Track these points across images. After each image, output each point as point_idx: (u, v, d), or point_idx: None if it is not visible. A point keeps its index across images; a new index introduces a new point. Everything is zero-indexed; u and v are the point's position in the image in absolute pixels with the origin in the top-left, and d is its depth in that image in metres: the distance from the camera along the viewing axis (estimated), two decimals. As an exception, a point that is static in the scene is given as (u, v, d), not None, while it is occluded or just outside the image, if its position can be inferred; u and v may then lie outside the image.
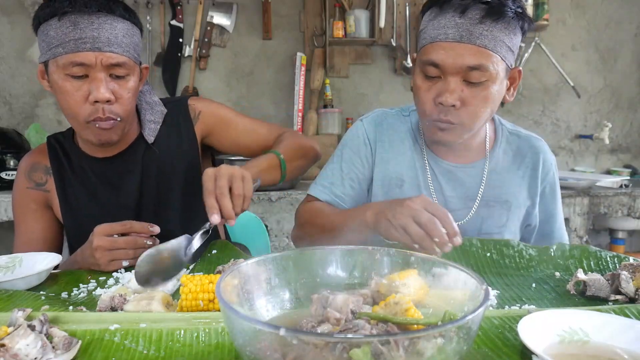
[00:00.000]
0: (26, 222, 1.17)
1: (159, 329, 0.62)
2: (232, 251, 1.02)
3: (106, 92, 0.99)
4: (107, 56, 0.98)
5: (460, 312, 0.53)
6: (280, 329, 0.41)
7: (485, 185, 1.13)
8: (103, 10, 0.98)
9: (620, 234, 2.84)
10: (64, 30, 0.96)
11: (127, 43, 1.02)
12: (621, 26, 3.05)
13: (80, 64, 0.97)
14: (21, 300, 0.73)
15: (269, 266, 0.63)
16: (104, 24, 0.98)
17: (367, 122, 1.20)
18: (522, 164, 1.15)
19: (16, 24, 2.79)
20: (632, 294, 0.74)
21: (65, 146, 1.18)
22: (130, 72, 1.03)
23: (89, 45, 0.96)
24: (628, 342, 0.57)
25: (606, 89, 3.09)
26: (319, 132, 2.78)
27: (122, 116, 1.04)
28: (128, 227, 0.95)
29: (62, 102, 1.02)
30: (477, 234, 1.13)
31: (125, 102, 1.03)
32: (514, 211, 1.14)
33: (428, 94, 0.99)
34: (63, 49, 0.97)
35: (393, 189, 1.14)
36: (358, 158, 1.17)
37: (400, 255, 0.65)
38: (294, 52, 2.81)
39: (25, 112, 2.84)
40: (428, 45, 0.98)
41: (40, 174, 1.17)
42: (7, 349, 0.53)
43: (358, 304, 0.56)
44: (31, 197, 1.16)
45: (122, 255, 0.94)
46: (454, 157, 1.14)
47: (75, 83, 0.99)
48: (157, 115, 1.18)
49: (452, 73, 0.96)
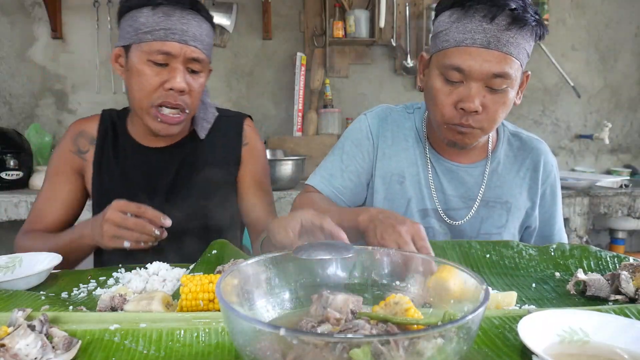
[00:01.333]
0: (56, 181, 1.20)
1: (159, 329, 0.62)
2: (232, 251, 1.02)
3: (183, 82, 1.05)
4: (191, 50, 1.05)
5: (460, 312, 0.53)
6: (280, 329, 0.41)
7: (486, 186, 1.13)
8: (193, 9, 1.05)
9: (620, 234, 2.84)
10: (155, 19, 1.03)
11: (207, 42, 1.10)
12: (621, 26, 3.05)
13: (166, 53, 1.03)
14: (21, 300, 0.73)
15: (269, 266, 0.63)
16: (192, 21, 1.05)
17: (371, 116, 1.20)
18: (522, 165, 1.15)
19: (16, 24, 2.79)
20: (632, 294, 0.74)
21: (117, 125, 1.22)
22: (203, 70, 1.11)
23: (177, 36, 1.03)
24: (628, 342, 0.57)
25: (606, 89, 3.09)
26: (319, 132, 2.78)
27: (190, 108, 1.10)
28: (142, 211, 0.95)
29: (135, 85, 1.06)
30: (476, 235, 1.13)
31: (195, 95, 1.10)
32: (513, 212, 1.14)
33: (448, 98, 0.99)
34: (152, 36, 1.03)
35: (394, 185, 1.14)
36: (359, 152, 1.17)
37: (400, 256, 0.66)
38: (294, 52, 2.81)
39: (25, 112, 2.84)
40: (453, 49, 0.96)
41: (85, 141, 1.21)
42: (7, 349, 0.53)
43: (358, 304, 0.56)
44: (70, 160, 1.20)
45: (126, 235, 0.94)
46: (456, 156, 1.14)
47: (155, 69, 1.05)
48: (209, 115, 1.23)
49: (477, 79, 0.95)
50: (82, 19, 2.81)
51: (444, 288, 0.61)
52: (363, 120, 1.19)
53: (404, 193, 1.14)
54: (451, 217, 1.13)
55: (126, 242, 0.94)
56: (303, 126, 2.80)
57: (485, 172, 1.13)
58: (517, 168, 1.15)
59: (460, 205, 1.13)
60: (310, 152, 2.63)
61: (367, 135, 1.17)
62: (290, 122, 2.83)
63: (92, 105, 2.84)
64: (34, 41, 2.81)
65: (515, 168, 1.15)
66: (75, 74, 2.85)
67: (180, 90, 1.05)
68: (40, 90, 2.84)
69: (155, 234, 0.95)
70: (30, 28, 2.80)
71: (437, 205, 1.13)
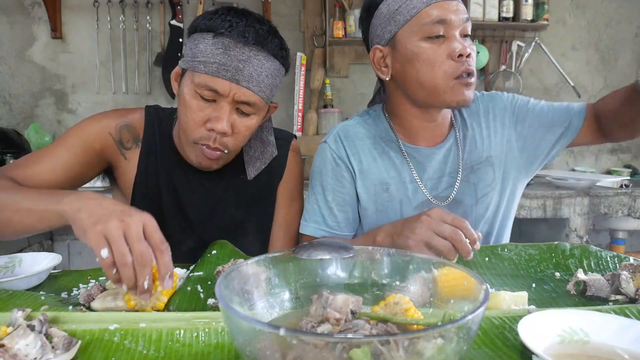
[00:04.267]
0: (73, 147, 1.03)
1: (159, 328, 0.62)
2: (232, 251, 1.02)
3: (226, 126, 0.96)
4: (242, 92, 0.95)
5: (460, 312, 0.53)
6: (280, 329, 0.41)
7: (463, 155, 1.13)
8: (258, 45, 0.94)
9: (620, 234, 2.83)
10: (213, 50, 0.93)
11: (267, 84, 0.98)
12: (621, 26, 3.05)
13: (213, 90, 0.94)
14: (21, 300, 0.73)
15: (269, 266, 0.63)
16: (253, 59, 0.94)
17: (331, 141, 1.16)
18: (480, 118, 1.16)
19: (16, 24, 2.79)
20: (632, 294, 0.74)
21: (162, 131, 1.12)
22: (257, 112, 1.00)
23: (229, 74, 0.93)
24: (628, 342, 0.57)
25: (606, 88, 3.09)
26: (319, 132, 2.78)
27: (230, 150, 1.02)
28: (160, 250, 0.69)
29: (182, 115, 1.00)
30: (475, 201, 1.12)
31: (240, 137, 1.01)
32: (496, 163, 1.14)
33: (438, 53, 0.99)
34: (204, 68, 0.94)
35: (380, 194, 1.12)
36: (337, 181, 1.14)
37: (400, 256, 0.65)
38: (294, 52, 2.80)
39: (25, 112, 2.84)
40: (427, 8, 0.99)
41: (130, 137, 1.10)
42: (6, 349, 0.53)
43: (358, 304, 0.56)
44: (104, 141, 1.06)
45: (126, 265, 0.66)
46: (431, 139, 1.14)
47: (201, 103, 0.96)
48: (266, 156, 1.15)
49: (457, 26, 0.99)
50: (82, 18, 2.81)
51: (444, 288, 0.61)
52: (326, 149, 1.16)
53: (392, 198, 1.12)
54: (444, 199, 1.13)
55: (104, 252, 0.65)
56: (303, 126, 2.80)
57: (458, 142, 1.13)
58: (477, 123, 1.16)
59: (451, 182, 1.13)
60: (310, 152, 2.63)
61: (335, 162, 1.14)
62: (290, 122, 2.83)
63: (92, 105, 2.84)
64: (34, 41, 2.81)
65: (477, 124, 1.16)
66: (75, 74, 2.85)
67: (222, 133, 0.97)
68: (40, 90, 2.84)
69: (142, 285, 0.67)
70: (30, 28, 2.80)
71: (426, 195, 1.12)
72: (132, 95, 2.87)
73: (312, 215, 1.16)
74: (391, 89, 1.13)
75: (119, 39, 2.82)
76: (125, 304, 0.71)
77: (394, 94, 1.12)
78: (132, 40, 2.84)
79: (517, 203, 1.22)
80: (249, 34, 0.94)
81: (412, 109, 1.10)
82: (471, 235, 0.81)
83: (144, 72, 2.86)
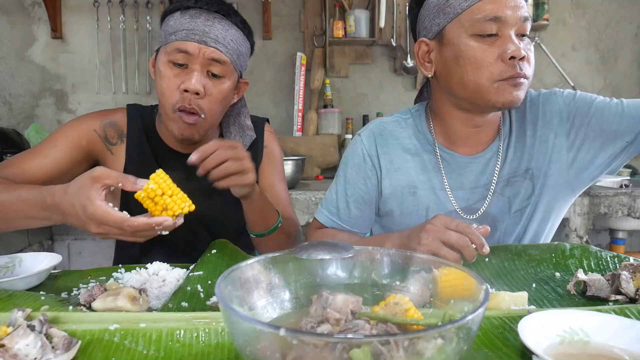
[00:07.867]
0: (60, 145, 1.09)
1: (159, 329, 0.62)
2: (232, 251, 1.02)
3: (197, 84, 1.02)
4: (210, 50, 1.02)
5: (460, 312, 0.53)
6: (280, 329, 0.41)
7: (501, 165, 1.04)
8: (221, 12, 1.04)
9: (620, 234, 2.83)
10: (181, 21, 1.03)
11: (233, 47, 1.06)
12: (621, 26, 3.05)
13: (184, 52, 1.01)
14: (21, 300, 0.73)
15: (269, 266, 0.63)
16: (218, 24, 1.03)
17: (365, 136, 1.13)
18: (530, 123, 1.06)
19: (16, 24, 2.79)
20: (632, 294, 0.74)
21: (146, 124, 1.18)
22: (227, 75, 1.07)
23: (197, 37, 1.01)
24: (628, 342, 0.57)
25: (606, 89, 3.09)
26: (319, 132, 2.78)
27: (206, 113, 1.05)
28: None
29: (159, 88, 1.06)
30: (507, 217, 1.05)
31: (213, 100, 1.05)
32: (538, 176, 1.03)
33: (488, 53, 0.91)
34: (175, 37, 1.03)
35: (407, 197, 1.08)
36: (361, 178, 1.12)
37: (400, 255, 0.65)
38: (294, 52, 2.81)
39: (25, 112, 2.84)
40: (480, 2, 0.90)
41: (114, 133, 1.16)
42: (6, 349, 0.52)
43: (358, 304, 0.56)
44: (90, 138, 1.12)
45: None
46: (472, 146, 1.05)
47: (174, 70, 1.03)
48: (246, 139, 1.20)
49: (513, 25, 0.91)
50: (82, 18, 2.81)
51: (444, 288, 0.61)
52: (358, 143, 1.13)
53: (419, 203, 1.08)
54: (473, 211, 1.06)
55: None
56: (303, 126, 2.80)
57: (499, 151, 1.04)
58: (523, 131, 1.05)
59: (484, 194, 1.05)
60: (310, 152, 2.63)
61: (364, 158, 1.11)
62: (290, 122, 2.83)
63: (92, 105, 2.84)
64: (34, 41, 2.81)
65: (522, 132, 1.05)
66: (75, 74, 2.85)
67: (195, 92, 1.01)
68: (40, 90, 2.84)
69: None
70: (30, 28, 2.80)
71: (454, 206, 1.06)
72: (132, 95, 2.87)
73: (328, 204, 1.16)
74: (434, 87, 1.07)
75: (119, 39, 2.82)
76: (127, 303, 0.70)
77: (436, 93, 1.06)
78: (132, 40, 2.84)
79: (554, 225, 1.11)
80: (212, 5, 1.04)
81: (455, 112, 1.02)
82: (477, 239, 0.77)
83: (144, 72, 2.86)
